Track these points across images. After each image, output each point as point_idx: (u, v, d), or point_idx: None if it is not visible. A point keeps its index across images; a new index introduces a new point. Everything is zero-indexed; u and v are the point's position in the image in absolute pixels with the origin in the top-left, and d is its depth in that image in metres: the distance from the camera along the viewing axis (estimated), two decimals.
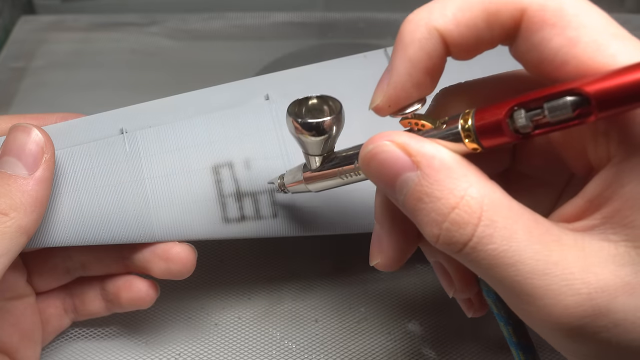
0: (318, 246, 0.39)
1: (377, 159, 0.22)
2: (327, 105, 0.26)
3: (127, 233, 0.30)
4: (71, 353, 0.34)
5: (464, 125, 0.21)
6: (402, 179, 0.21)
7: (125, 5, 0.61)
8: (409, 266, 0.38)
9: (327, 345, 0.34)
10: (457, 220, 0.20)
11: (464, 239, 0.20)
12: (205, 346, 0.34)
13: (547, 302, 0.19)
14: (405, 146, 0.21)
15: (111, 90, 0.51)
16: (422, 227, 0.21)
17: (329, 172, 0.27)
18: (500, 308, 0.27)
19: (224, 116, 0.33)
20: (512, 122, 0.20)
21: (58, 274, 0.33)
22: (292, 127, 0.25)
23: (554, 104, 0.19)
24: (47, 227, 0.29)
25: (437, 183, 0.20)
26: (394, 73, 0.22)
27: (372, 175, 0.22)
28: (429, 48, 0.22)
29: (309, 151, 0.27)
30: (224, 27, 0.58)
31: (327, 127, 0.25)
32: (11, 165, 0.27)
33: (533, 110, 0.19)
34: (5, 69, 0.54)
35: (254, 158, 0.32)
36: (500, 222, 0.20)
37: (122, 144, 0.32)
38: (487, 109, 0.21)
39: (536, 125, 0.19)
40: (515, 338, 0.27)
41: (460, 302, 0.30)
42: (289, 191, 0.31)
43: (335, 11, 0.60)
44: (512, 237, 0.20)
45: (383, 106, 0.23)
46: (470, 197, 0.20)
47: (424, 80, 0.22)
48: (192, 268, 0.31)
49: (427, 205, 0.21)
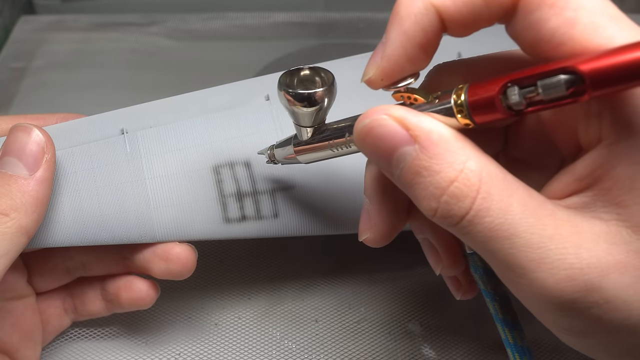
0: (318, 246, 0.39)
1: (373, 133, 0.22)
2: (319, 76, 0.25)
3: (128, 233, 0.30)
4: (71, 353, 0.34)
5: (456, 100, 0.21)
6: (400, 153, 0.21)
7: (125, 5, 0.61)
8: (409, 267, 0.38)
9: (327, 345, 0.34)
10: (456, 193, 0.20)
11: (462, 212, 0.20)
12: (205, 346, 0.34)
13: (540, 275, 0.20)
14: (403, 120, 0.21)
15: (111, 90, 0.51)
16: (419, 201, 0.21)
17: (319, 144, 0.27)
18: (487, 283, 0.27)
19: (225, 116, 0.33)
20: (505, 99, 0.20)
21: (58, 274, 0.33)
22: (284, 98, 0.25)
23: (548, 81, 0.19)
24: (47, 228, 0.30)
25: (436, 157, 0.20)
26: (388, 46, 0.22)
27: (368, 149, 0.22)
28: (425, 23, 0.22)
29: (299, 122, 0.26)
30: (224, 27, 0.58)
31: (319, 98, 0.25)
32: (12, 165, 0.27)
33: (526, 87, 0.19)
34: (5, 69, 0.54)
35: (254, 158, 0.32)
36: (496, 195, 0.20)
37: (123, 144, 0.32)
38: (480, 85, 0.20)
39: (529, 102, 0.19)
40: (501, 314, 0.27)
41: (449, 284, 0.29)
42: (278, 162, 0.30)
43: (335, 11, 0.60)
44: (507, 210, 0.20)
45: (376, 79, 0.23)
46: (469, 170, 0.20)
47: (418, 55, 0.22)
48: (193, 268, 0.31)
49: (425, 179, 0.20)
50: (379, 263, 0.38)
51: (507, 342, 0.27)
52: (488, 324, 0.35)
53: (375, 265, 0.38)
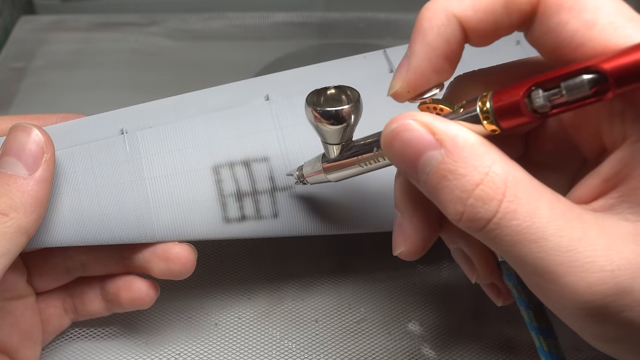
0: (318, 246, 0.39)
1: (400, 137, 0.22)
2: (345, 94, 0.26)
3: (128, 233, 0.30)
4: (71, 353, 0.34)
5: (482, 107, 0.21)
6: (425, 157, 0.21)
7: (125, 5, 0.61)
8: (409, 266, 0.38)
9: (327, 345, 0.34)
10: (481, 196, 0.20)
11: (488, 215, 0.20)
12: (205, 346, 0.34)
13: (570, 279, 0.19)
14: (429, 125, 0.21)
15: (111, 90, 0.51)
16: (445, 206, 0.21)
17: (348, 160, 0.27)
18: (521, 292, 0.27)
19: (224, 116, 0.33)
20: (529, 103, 0.20)
21: (58, 274, 0.33)
22: (312, 116, 0.26)
23: (571, 82, 0.19)
24: (47, 227, 0.29)
25: (461, 160, 0.20)
26: (413, 59, 0.23)
27: (394, 154, 0.22)
28: (448, 34, 0.22)
29: (327, 140, 0.27)
30: (224, 27, 0.58)
31: (346, 115, 0.25)
32: (11, 165, 0.27)
33: (550, 89, 0.20)
34: (5, 69, 0.54)
35: (254, 158, 0.32)
36: (523, 199, 0.20)
37: (123, 144, 0.32)
38: (504, 91, 0.21)
39: (553, 105, 0.20)
40: (536, 322, 0.27)
41: (488, 291, 0.29)
42: (307, 182, 0.31)
43: (335, 11, 0.60)
44: (535, 213, 0.20)
45: (402, 92, 0.23)
46: (495, 174, 0.20)
47: (443, 66, 0.23)
48: (192, 268, 0.31)
49: (450, 182, 0.21)
50: (379, 263, 0.38)
51: (542, 351, 0.27)
52: (488, 324, 0.35)
53: (375, 265, 0.38)
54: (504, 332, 0.35)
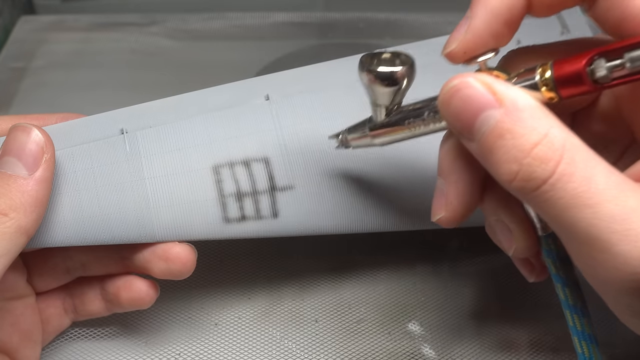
0: (318, 246, 0.39)
1: (460, 94, 0.22)
2: (399, 58, 0.26)
3: (128, 233, 0.30)
4: (71, 353, 0.34)
5: (542, 74, 0.21)
6: (484, 115, 0.21)
7: (125, 5, 0.61)
8: (409, 266, 0.38)
9: (327, 345, 0.34)
10: (539, 155, 0.20)
11: (545, 174, 0.20)
12: (205, 346, 0.34)
13: (623, 248, 0.19)
14: (490, 84, 0.21)
15: (111, 90, 0.51)
16: (499, 166, 0.21)
17: (396, 126, 0.27)
18: (560, 268, 0.26)
19: (224, 116, 0.33)
20: (591, 72, 0.20)
21: (58, 274, 0.33)
22: (365, 77, 0.26)
23: (635, 54, 0.19)
24: (47, 227, 0.29)
25: (521, 120, 0.20)
26: (473, 21, 0.23)
27: (452, 111, 0.22)
28: (512, 0, 0.22)
29: (378, 101, 0.27)
30: (224, 27, 0.58)
31: (400, 77, 0.25)
32: (11, 165, 0.27)
33: (613, 60, 0.20)
34: (5, 69, 0.54)
35: (254, 158, 0.32)
36: (580, 163, 0.20)
37: (123, 144, 0.32)
38: (566, 60, 0.21)
39: (614, 77, 0.20)
40: (571, 300, 0.26)
41: (520, 267, 0.29)
42: (350, 146, 0.30)
43: (335, 11, 0.60)
44: (592, 179, 0.20)
45: (458, 52, 0.23)
46: (554, 136, 0.20)
47: (502, 31, 0.23)
48: (192, 268, 0.31)
49: (508, 141, 0.20)
50: (379, 263, 0.38)
51: (575, 330, 0.26)
52: (488, 324, 0.35)
53: (375, 265, 0.38)
54: (504, 332, 0.35)
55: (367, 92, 0.27)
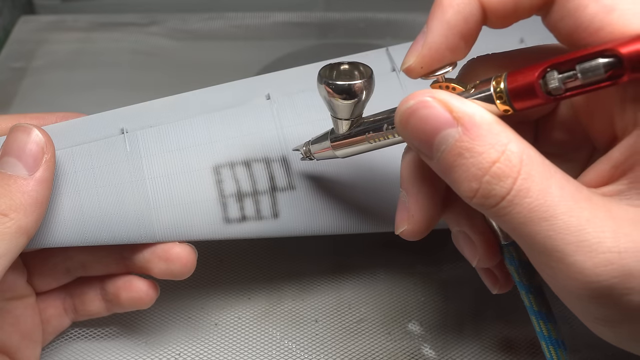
0: (318, 246, 0.39)
1: (417, 114, 0.22)
2: (358, 70, 0.26)
3: (128, 233, 0.30)
4: (71, 353, 0.34)
5: (496, 87, 0.21)
6: (442, 135, 0.21)
7: (125, 5, 0.61)
8: (409, 266, 0.38)
9: (327, 345, 0.34)
10: (497, 173, 0.20)
11: (503, 192, 0.20)
12: (205, 346, 0.34)
13: (578, 258, 0.19)
14: (447, 102, 0.21)
15: (111, 90, 0.51)
16: (460, 184, 0.21)
17: (357, 137, 0.27)
18: (522, 276, 0.27)
19: (225, 116, 0.33)
20: (544, 84, 0.20)
21: (58, 274, 0.33)
22: (324, 90, 0.26)
23: (587, 65, 0.19)
24: (47, 228, 0.29)
25: (479, 138, 0.21)
26: (429, 35, 0.23)
27: (410, 131, 0.22)
28: (467, 13, 0.22)
29: (337, 115, 0.27)
30: (224, 27, 0.58)
31: (358, 90, 0.25)
32: (11, 165, 0.27)
33: (565, 72, 0.20)
34: (5, 69, 0.54)
35: (254, 158, 0.32)
36: (537, 177, 0.20)
37: (123, 144, 0.32)
38: (519, 72, 0.21)
39: (567, 88, 0.20)
40: (536, 306, 0.27)
41: (484, 278, 0.30)
42: (314, 157, 0.31)
43: (335, 11, 0.60)
44: (547, 192, 0.20)
45: (415, 67, 0.23)
46: (511, 152, 0.20)
47: (459, 45, 0.23)
48: (192, 268, 0.31)
49: (467, 160, 0.21)
50: (379, 263, 0.38)
51: (542, 335, 0.27)
52: (488, 324, 0.35)
53: (375, 265, 0.38)
54: (504, 332, 0.35)
55: (326, 105, 0.27)
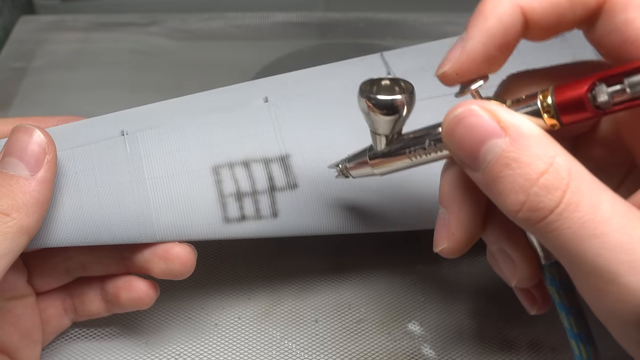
0: (318, 246, 0.39)
1: (464, 123, 0.21)
2: (399, 85, 0.26)
3: (128, 233, 0.30)
4: (71, 353, 0.34)
5: (543, 101, 0.21)
6: (489, 144, 0.21)
7: (125, 5, 0.61)
8: (409, 266, 0.38)
9: (327, 345, 0.34)
10: (546, 185, 0.20)
11: (552, 204, 0.20)
12: (205, 346, 0.34)
13: (631, 279, 0.19)
14: (495, 112, 0.21)
15: (111, 90, 0.51)
16: (505, 196, 0.21)
17: (397, 153, 0.27)
18: (564, 297, 0.26)
19: (224, 118, 0.33)
20: (592, 98, 0.20)
21: (58, 274, 0.33)
22: (365, 104, 0.25)
23: (635, 79, 0.19)
24: (48, 228, 0.30)
25: (526, 149, 0.20)
26: (469, 42, 0.22)
27: (456, 141, 0.22)
28: (509, 24, 0.22)
29: (378, 130, 0.26)
30: (224, 27, 0.58)
31: (399, 105, 0.25)
32: (13, 166, 0.27)
33: (614, 85, 0.19)
34: (5, 69, 0.54)
35: (253, 159, 0.32)
36: (586, 191, 0.20)
37: (123, 145, 0.32)
38: (566, 86, 0.21)
39: (615, 102, 0.20)
40: (576, 329, 0.26)
41: (522, 298, 0.29)
42: (350, 175, 0.30)
43: (335, 11, 0.60)
44: (598, 207, 0.19)
45: (451, 73, 0.23)
46: (559, 164, 0.20)
47: (496, 55, 0.23)
48: (192, 268, 0.31)
49: (514, 171, 0.20)
50: (379, 263, 0.38)
51: (581, 358, 0.26)
52: (488, 324, 0.35)
53: (375, 265, 0.38)
54: (504, 332, 0.35)
55: (366, 120, 0.26)
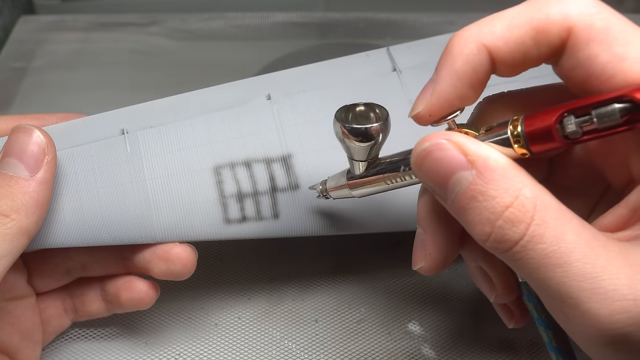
0: (318, 246, 0.39)
1: (432, 156, 0.22)
2: (374, 112, 0.26)
3: (128, 234, 0.30)
4: (71, 353, 0.34)
5: (513, 131, 0.22)
6: (456, 177, 0.21)
7: (125, 5, 0.61)
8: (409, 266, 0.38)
9: (327, 345, 0.34)
10: (510, 218, 0.20)
11: (516, 237, 0.20)
12: (205, 346, 0.34)
13: (593, 306, 0.19)
14: (462, 145, 0.21)
15: (111, 90, 0.51)
16: (473, 226, 0.21)
17: (373, 177, 0.27)
18: (541, 312, 0.27)
19: (225, 116, 0.33)
20: (561, 128, 0.20)
21: (58, 274, 0.33)
22: (340, 132, 0.26)
23: (602, 110, 0.19)
24: (48, 228, 0.30)
25: (492, 182, 0.21)
26: (438, 84, 0.23)
27: (425, 172, 0.23)
28: (476, 63, 0.22)
29: (354, 157, 0.27)
30: (224, 27, 0.58)
31: (374, 133, 0.25)
32: (12, 166, 0.27)
33: (581, 116, 0.20)
34: (5, 69, 0.54)
35: (255, 159, 0.32)
36: (550, 223, 0.20)
37: (123, 145, 0.32)
38: (536, 116, 0.21)
39: (584, 131, 0.20)
40: (555, 343, 0.27)
41: (500, 312, 0.30)
42: (330, 197, 0.31)
43: (335, 11, 0.60)
44: (561, 238, 0.20)
45: (424, 115, 0.24)
46: (524, 197, 0.20)
47: (467, 93, 0.23)
48: (193, 269, 0.31)
49: (480, 203, 0.21)
50: (379, 263, 0.38)
51: None
52: (488, 324, 0.35)
53: (375, 265, 0.38)
54: (504, 332, 0.35)
55: (342, 146, 0.27)
